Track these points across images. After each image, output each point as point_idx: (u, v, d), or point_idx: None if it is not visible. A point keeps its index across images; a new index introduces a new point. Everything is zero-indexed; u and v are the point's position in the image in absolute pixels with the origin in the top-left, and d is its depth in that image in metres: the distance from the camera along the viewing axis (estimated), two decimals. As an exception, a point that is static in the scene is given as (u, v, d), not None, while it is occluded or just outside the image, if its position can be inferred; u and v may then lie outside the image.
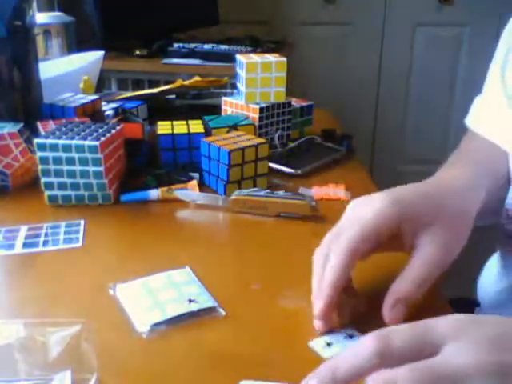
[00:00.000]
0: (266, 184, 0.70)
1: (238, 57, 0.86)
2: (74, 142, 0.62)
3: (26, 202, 0.66)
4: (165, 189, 0.67)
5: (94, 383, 0.36)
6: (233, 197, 0.64)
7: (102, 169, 0.63)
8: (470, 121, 0.70)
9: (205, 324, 0.45)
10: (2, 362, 0.36)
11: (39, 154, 0.63)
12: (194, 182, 0.69)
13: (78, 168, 0.63)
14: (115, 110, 0.86)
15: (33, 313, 0.46)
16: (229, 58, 1.61)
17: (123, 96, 0.99)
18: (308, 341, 0.43)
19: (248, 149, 0.68)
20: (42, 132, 0.72)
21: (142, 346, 0.42)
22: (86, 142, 0.62)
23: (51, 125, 0.74)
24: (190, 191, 0.67)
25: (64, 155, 0.62)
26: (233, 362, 0.41)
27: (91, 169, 0.63)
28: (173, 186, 0.67)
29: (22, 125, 0.70)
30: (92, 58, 1.07)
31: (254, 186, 0.68)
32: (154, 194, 0.66)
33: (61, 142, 0.62)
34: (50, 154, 0.63)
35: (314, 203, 0.64)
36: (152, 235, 0.60)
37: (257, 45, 1.91)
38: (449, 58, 2.47)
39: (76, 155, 0.62)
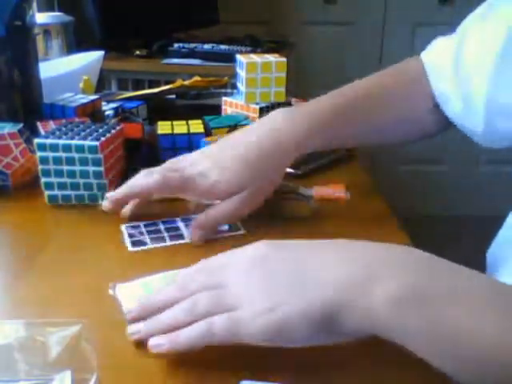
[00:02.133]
0: None
1: (238, 57, 0.86)
2: (73, 142, 0.62)
3: (26, 202, 0.66)
4: None
5: (93, 383, 0.36)
6: (233, 197, 0.64)
7: (102, 169, 0.63)
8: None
9: (205, 324, 0.45)
10: (2, 362, 0.36)
11: (39, 154, 0.63)
12: None
13: (77, 168, 0.63)
14: (115, 109, 0.86)
15: (33, 313, 0.46)
16: (229, 58, 1.61)
17: (123, 96, 0.99)
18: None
19: None
20: (42, 132, 0.72)
21: (141, 345, 0.42)
22: (86, 142, 0.62)
23: (51, 125, 0.74)
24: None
25: (64, 155, 0.62)
26: (233, 361, 0.41)
27: (91, 169, 0.63)
28: None
29: (21, 125, 0.70)
30: (92, 57, 1.07)
31: None
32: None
33: (61, 142, 0.62)
34: (50, 154, 0.63)
35: (313, 203, 0.64)
36: (152, 235, 0.60)
37: (257, 45, 1.91)
38: (449, 58, 2.47)
39: (76, 155, 0.62)
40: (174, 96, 1.06)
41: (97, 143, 0.62)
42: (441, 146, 2.51)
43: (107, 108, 0.87)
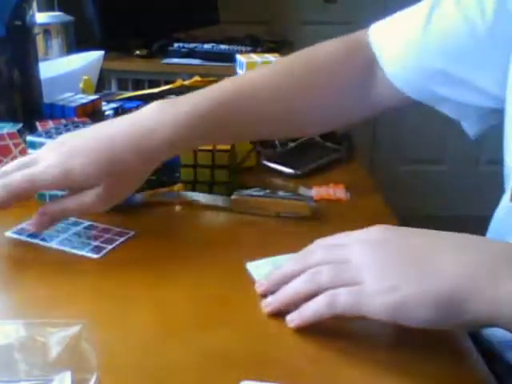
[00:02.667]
0: (225, 193, 0.67)
1: (238, 57, 0.86)
2: None
3: (25, 203, 0.66)
4: (150, 192, 0.65)
5: (93, 383, 0.36)
6: (233, 197, 0.64)
7: None
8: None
9: (205, 324, 0.45)
10: (2, 362, 0.36)
11: (30, 151, 0.63)
12: (180, 186, 0.67)
13: None
14: (115, 109, 0.86)
15: (33, 313, 0.46)
16: (229, 57, 1.60)
17: (123, 96, 0.99)
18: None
19: (202, 152, 0.66)
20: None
21: (141, 345, 0.42)
22: None
23: (50, 125, 0.74)
24: (191, 192, 0.67)
25: None
26: (233, 362, 0.41)
27: None
28: (159, 190, 0.66)
29: (21, 125, 0.70)
30: (92, 57, 1.07)
31: (210, 192, 0.67)
32: (139, 197, 0.65)
33: (48, 141, 0.62)
34: None
35: (313, 203, 0.64)
36: (150, 237, 0.60)
37: (257, 45, 1.91)
38: (449, 58, 2.46)
39: None
40: (173, 96, 1.06)
41: None
42: (441, 146, 2.50)
43: (107, 108, 0.87)
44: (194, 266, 0.54)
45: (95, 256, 0.54)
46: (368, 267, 0.42)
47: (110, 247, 0.56)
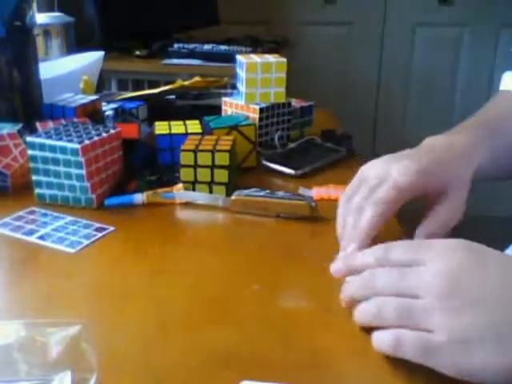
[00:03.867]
0: (225, 193, 0.67)
1: (238, 57, 0.86)
2: (58, 143, 0.62)
3: (26, 203, 0.66)
4: (150, 192, 0.66)
5: (93, 383, 0.36)
6: (233, 197, 0.64)
7: (83, 172, 0.62)
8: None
9: (205, 324, 0.45)
10: (2, 362, 0.36)
11: (30, 152, 0.63)
12: (180, 186, 0.68)
13: (62, 169, 0.63)
14: (115, 110, 0.86)
15: (33, 313, 0.46)
16: (229, 58, 1.61)
17: (123, 96, 0.99)
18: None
19: (202, 152, 0.66)
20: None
21: (141, 345, 0.42)
22: (69, 145, 0.61)
23: (50, 125, 0.74)
24: (191, 192, 0.67)
25: (50, 155, 0.62)
26: (233, 361, 0.41)
27: (74, 171, 0.62)
28: (158, 190, 0.66)
29: (21, 125, 0.70)
30: (92, 58, 1.07)
31: (210, 192, 0.67)
32: (139, 198, 0.65)
33: (47, 142, 0.62)
34: (38, 153, 0.63)
35: (313, 204, 0.64)
36: (150, 237, 0.60)
37: (257, 45, 1.91)
38: (449, 58, 2.47)
39: (60, 156, 0.62)
40: (173, 96, 1.06)
41: (78, 146, 0.61)
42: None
43: (107, 108, 0.87)
44: (194, 266, 0.54)
45: (72, 251, 0.55)
46: (439, 313, 0.37)
47: (87, 242, 0.57)
